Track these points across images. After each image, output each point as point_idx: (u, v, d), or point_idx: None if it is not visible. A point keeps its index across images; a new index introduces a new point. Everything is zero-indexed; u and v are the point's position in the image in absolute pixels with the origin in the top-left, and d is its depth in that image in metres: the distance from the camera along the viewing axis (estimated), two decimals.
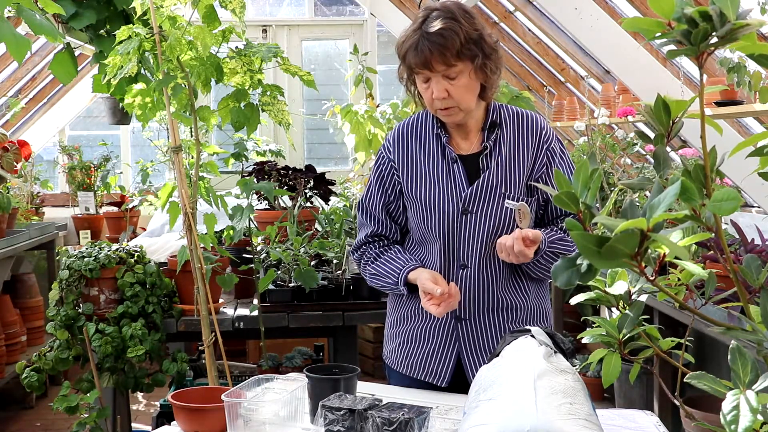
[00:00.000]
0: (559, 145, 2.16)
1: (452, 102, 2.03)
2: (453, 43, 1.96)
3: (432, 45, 1.96)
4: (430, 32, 1.97)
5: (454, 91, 2.01)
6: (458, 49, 1.97)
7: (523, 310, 2.15)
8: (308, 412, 1.86)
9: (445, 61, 1.97)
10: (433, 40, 1.96)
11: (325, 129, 6.53)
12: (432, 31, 1.97)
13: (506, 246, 1.96)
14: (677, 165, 2.15)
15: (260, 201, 3.79)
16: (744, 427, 0.82)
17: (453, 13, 1.99)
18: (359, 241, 2.24)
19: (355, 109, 5.21)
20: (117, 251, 3.25)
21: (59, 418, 4.37)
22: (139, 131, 6.20)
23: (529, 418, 1.34)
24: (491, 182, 2.09)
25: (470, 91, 2.03)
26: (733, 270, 0.91)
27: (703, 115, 0.90)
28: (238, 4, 2.79)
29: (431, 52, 1.96)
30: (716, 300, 1.22)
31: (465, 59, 1.99)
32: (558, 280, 0.86)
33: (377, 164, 2.22)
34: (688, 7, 0.83)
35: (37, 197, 5.89)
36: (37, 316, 5.19)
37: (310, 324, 3.27)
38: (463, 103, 2.04)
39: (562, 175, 0.93)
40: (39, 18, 2.20)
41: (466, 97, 2.03)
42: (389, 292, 2.23)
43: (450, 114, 2.06)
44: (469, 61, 1.99)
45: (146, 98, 2.98)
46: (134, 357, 3.09)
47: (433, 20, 1.99)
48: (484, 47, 2.01)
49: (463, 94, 2.02)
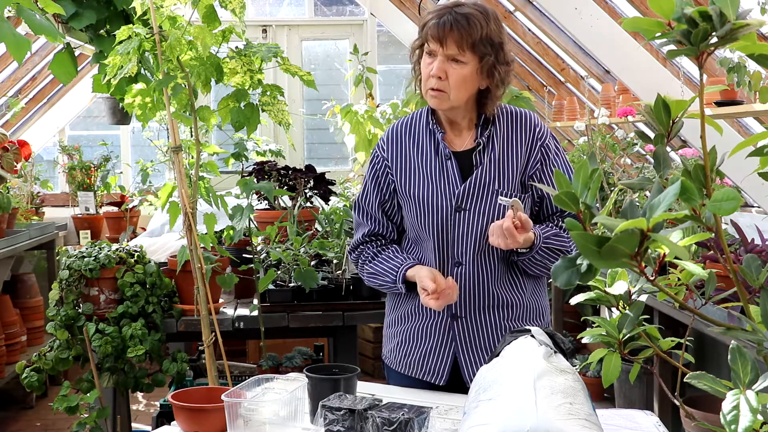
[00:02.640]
0: (554, 141, 2.16)
1: (445, 85, 2.03)
2: (474, 31, 1.99)
3: (455, 22, 2.00)
4: (459, 12, 2.01)
5: (452, 76, 2.02)
6: (475, 39, 1.99)
7: (519, 308, 2.15)
8: (308, 412, 1.86)
9: (459, 44, 2.00)
10: (459, 19, 2.00)
11: (325, 129, 6.53)
12: (461, 12, 2.01)
13: (497, 225, 1.96)
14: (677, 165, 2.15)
15: (260, 201, 3.79)
16: (744, 427, 0.82)
17: (486, 12, 2.04)
18: (356, 241, 2.25)
19: (355, 109, 5.22)
20: (117, 251, 3.25)
21: (59, 418, 4.38)
22: (139, 131, 6.20)
23: (529, 418, 1.34)
24: (484, 178, 2.09)
25: (466, 83, 2.03)
26: (733, 270, 0.91)
27: (703, 115, 0.90)
28: (238, 4, 2.79)
29: (452, 27, 1.99)
30: (716, 300, 1.22)
31: (476, 54, 2.00)
32: (558, 280, 0.86)
33: (372, 163, 2.23)
34: (688, 7, 0.83)
35: (37, 197, 5.90)
36: (37, 316, 5.19)
37: (310, 324, 3.27)
38: (454, 92, 2.04)
39: (562, 175, 0.93)
40: (39, 18, 2.20)
41: (460, 88, 2.03)
42: (387, 291, 2.23)
43: (437, 97, 2.05)
44: (478, 58, 2.01)
45: (146, 98, 2.98)
46: (134, 357, 3.09)
47: (466, 7, 2.03)
48: (499, 54, 2.03)
49: (459, 83, 2.02)
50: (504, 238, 1.94)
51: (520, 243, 1.96)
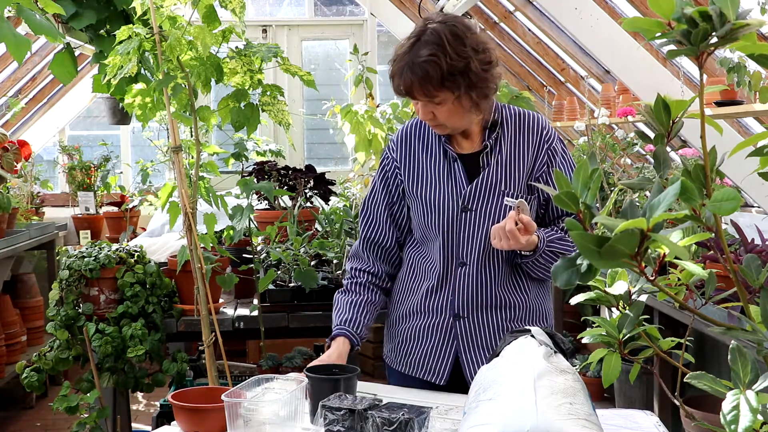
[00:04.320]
0: (561, 145, 2.17)
1: (439, 122, 2.07)
2: (434, 75, 1.96)
3: (414, 76, 1.97)
4: (415, 62, 1.97)
5: (440, 114, 2.04)
6: (439, 81, 1.97)
7: (522, 309, 2.15)
8: (308, 412, 1.86)
9: (426, 93, 1.99)
10: (416, 71, 1.97)
11: (325, 129, 6.53)
12: (417, 61, 1.97)
13: (499, 227, 1.97)
14: (677, 165, 2.15)
15: (260, 201, 3.79)
16: (744, 427, 0.82)
17: (441, 41, 1.97)
18: (354, 248, 2.29)
19: (355, 109, 5.21)
20: (117, 251, 3.25)
21: (59, 418, 4.37)
22: (139, 131, 6.20)
23: (529, 418, 1.34)
24: (491, 180, 2.10)
25: (455, 114, 2.05)
26: (733, 270, 0.91)
27: (703, 115, 0.90)
28: (238, 4, 2.79)
29: (412, 83, 1.98)
30: (716, 300, 1.22)
31: (446, 90, 1.99)
32: (558, 280, 0.86)
33: (381, 165, 2.26)
34: (688, 7, 0.83)
35: (37, 197, 5.89)
36: (37, 316, 5.19)
37: (310, 324, 3.27)
38: (449, 124, 2.07)
39: (562, 175, 0.92)
40: (39, 18, 2.20)
41: (452, 119, 2.06)
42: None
43: (440, 129, 2.11)
44: (450, 92, 1.99)
45: (146, 98, 2.98)
46: (134, 357, 3.09)
47: (421, 47, 1.98)
48: (470, 76, 1.98)
49: (448, 117, 2.05)
50: (506, 240, 1.95)
51: (522, 245, 1.96)
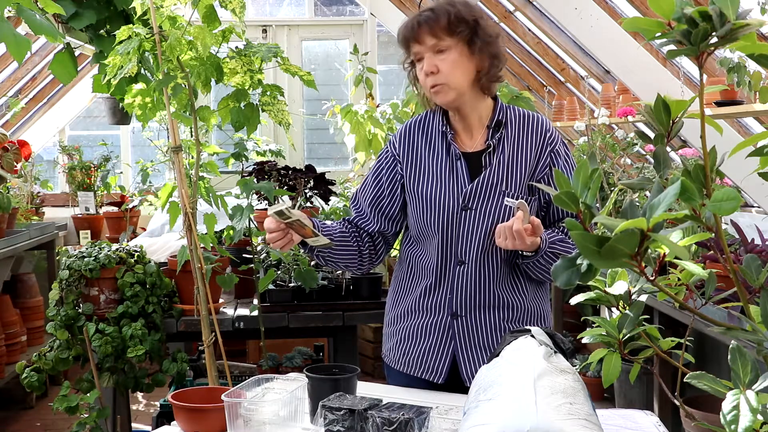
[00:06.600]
0: (564, 148, 2.17)
1: (442, 78, 2.06)
2: (441, 17, 2.05)
3: (421, 18, 2.07)
4: (423, 11, 2.10)
5: (443, 67, 2.05)
6: (447, 23, 2.05)
7: (519, 309, 2.15)
8: (308, 412, 1.86)
9: (433, 33, 2.05)
10: (423, 14, 2.08)
11: (325, 129, 6.53)
12: (425, 9, 2.10)
13: (506, 226, 1.96)
14: (677, 165, 2.15)
15: (260, 201, 3.79)
16: (744, 427, 0.82)
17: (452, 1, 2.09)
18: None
19: (355, 109, 5.22)
20: (117, 251, 3.25)
21: (59, 418, 4.37)
22: (139, 131, 6.19)
23: (529, 418, 1.34)
24: (492, 180, 2.10)
25: (459, 67, 2.06)
26: (733, 270, 0.91)
27: (703, 115, 0.90)
28: (238, 4, 2.79)
29: (419, 24, 2.06)
30: (716, 300, 1.22)
31: (454, 35, 2.05)
32: (558, 280, 0.86)
33: (379, 157, 2.27)
34: (688, 7, 0.83)
35: (37, 197, 5.89)
36: (37, 316, 5.19)
37: (310, 324, 3.27)
38: (452, 80, 2.06)
39: (562, 175, 0.92)
40: (39, 18, 2.20)
41: (456, 74, 2.06)
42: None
43: (439, 91, 2.08)
44: (458, 38, 2.05)
45: (146, 98, 2.98)
46: (134, 357, 3.09)
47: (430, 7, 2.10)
48: (477, 30, 2.07)
49: (452, 70, 2.06)
50: (512, 239, 1.95)
51: (527, 245, 1.96)
